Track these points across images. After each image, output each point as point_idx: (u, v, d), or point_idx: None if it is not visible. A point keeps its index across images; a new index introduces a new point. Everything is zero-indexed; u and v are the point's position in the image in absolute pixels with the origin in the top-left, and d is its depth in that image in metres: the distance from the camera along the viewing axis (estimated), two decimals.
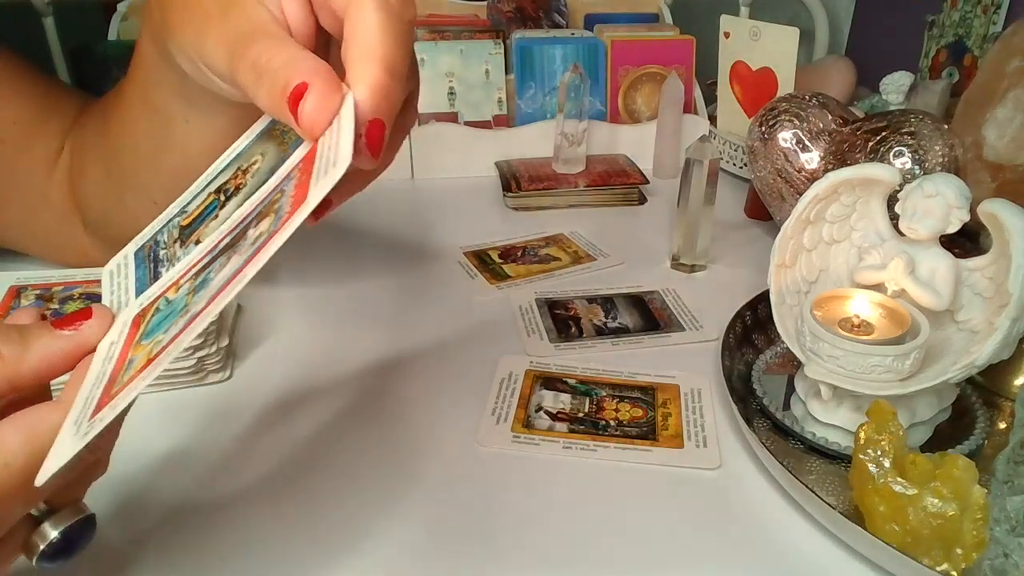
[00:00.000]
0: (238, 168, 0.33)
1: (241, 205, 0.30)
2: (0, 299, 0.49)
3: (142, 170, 0.46)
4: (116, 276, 0.33)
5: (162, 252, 0.32)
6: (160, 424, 0.44)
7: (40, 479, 0.24)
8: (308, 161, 0.28)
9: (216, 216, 0.31)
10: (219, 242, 0.29)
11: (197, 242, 0.31)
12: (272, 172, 0.30)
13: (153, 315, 0.28)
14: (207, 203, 0.33)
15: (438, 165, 0.83)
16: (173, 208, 0.35)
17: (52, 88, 0.54)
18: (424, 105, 0.83)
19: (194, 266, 0.29)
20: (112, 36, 0.98)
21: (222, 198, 0.32)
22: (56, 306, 0.48)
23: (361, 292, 0.60)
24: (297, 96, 0.27)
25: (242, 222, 0.29)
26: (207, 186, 0.34)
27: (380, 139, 0.28)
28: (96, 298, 0.49)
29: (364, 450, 0.42)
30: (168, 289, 0.29)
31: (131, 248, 0.34)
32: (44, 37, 1.02)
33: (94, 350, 0.28)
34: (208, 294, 0.26)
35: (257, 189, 0.30)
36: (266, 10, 0.30)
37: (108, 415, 0.24)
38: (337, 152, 0.25)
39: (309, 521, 0.37)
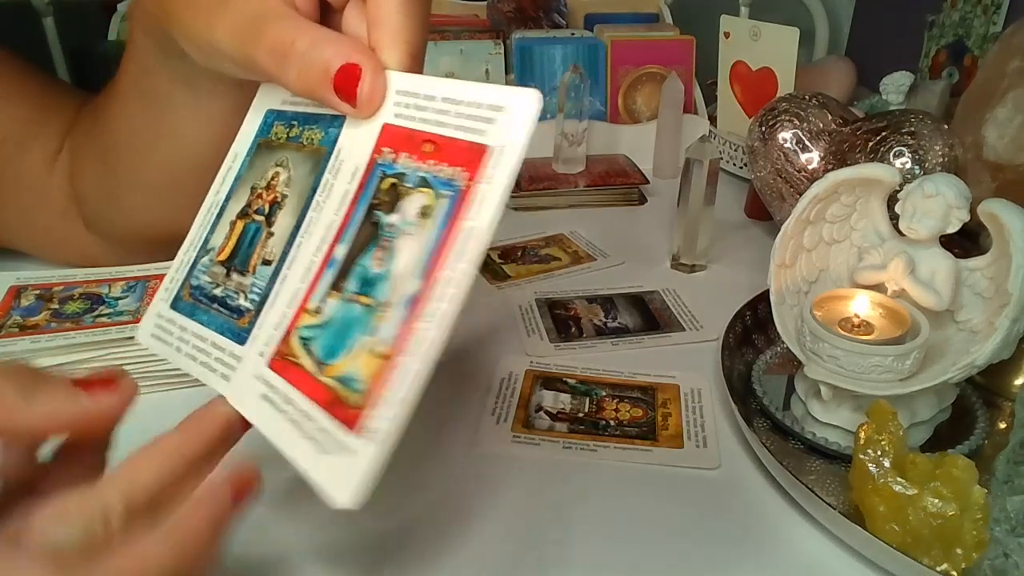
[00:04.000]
0: (253, 187, 0.32)
1: (301, 214, 0.30)
2: (0, 299, 0.49)
3: (138, 164, 0.46)
4: (168, 336, 0.32)
5: (217, 290, 0.31)
6: (159, 424, 0.44)
7: None
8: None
9: (270, 235, 0.30)
10: (330, 250, 0.28)
11: (266, 262, 0.30)
12: (316, 172, 0.30)
13: (317, 337, 0.27)
14: (238, 230, 0.32)
15: None
16: (188, 252, 0.33)
17: (51, 88, 0.54)
18: None
19: (318, 278, 0.28)
20: (112, 36, 0.98)
21: (257, 218, 0.31)
22: (56, 306, 0.48)
23: None
24: (346, 78, 0.27)
25: (347, 220, 0.28)
26: (217, 218, 0.33)
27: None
28: (96, 298, 0.49)
29: None
30: (299, 316, 0.28)
31: (161, 306, 0.33)
32: (44, 37, 1.02)
33: (106, 426, 0.26)
34: (412, 274, 0.26)
35: (311, 193, 0.30)
36: None
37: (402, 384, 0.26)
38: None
39: (308, 518, 0.37)
